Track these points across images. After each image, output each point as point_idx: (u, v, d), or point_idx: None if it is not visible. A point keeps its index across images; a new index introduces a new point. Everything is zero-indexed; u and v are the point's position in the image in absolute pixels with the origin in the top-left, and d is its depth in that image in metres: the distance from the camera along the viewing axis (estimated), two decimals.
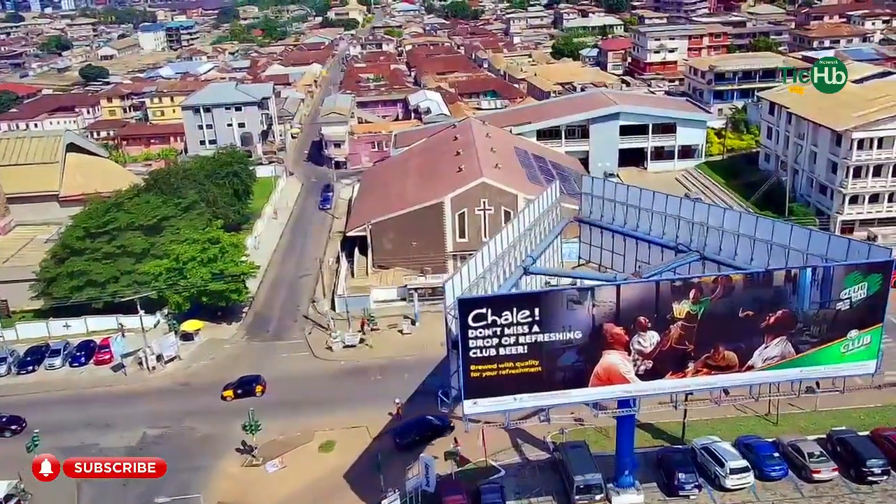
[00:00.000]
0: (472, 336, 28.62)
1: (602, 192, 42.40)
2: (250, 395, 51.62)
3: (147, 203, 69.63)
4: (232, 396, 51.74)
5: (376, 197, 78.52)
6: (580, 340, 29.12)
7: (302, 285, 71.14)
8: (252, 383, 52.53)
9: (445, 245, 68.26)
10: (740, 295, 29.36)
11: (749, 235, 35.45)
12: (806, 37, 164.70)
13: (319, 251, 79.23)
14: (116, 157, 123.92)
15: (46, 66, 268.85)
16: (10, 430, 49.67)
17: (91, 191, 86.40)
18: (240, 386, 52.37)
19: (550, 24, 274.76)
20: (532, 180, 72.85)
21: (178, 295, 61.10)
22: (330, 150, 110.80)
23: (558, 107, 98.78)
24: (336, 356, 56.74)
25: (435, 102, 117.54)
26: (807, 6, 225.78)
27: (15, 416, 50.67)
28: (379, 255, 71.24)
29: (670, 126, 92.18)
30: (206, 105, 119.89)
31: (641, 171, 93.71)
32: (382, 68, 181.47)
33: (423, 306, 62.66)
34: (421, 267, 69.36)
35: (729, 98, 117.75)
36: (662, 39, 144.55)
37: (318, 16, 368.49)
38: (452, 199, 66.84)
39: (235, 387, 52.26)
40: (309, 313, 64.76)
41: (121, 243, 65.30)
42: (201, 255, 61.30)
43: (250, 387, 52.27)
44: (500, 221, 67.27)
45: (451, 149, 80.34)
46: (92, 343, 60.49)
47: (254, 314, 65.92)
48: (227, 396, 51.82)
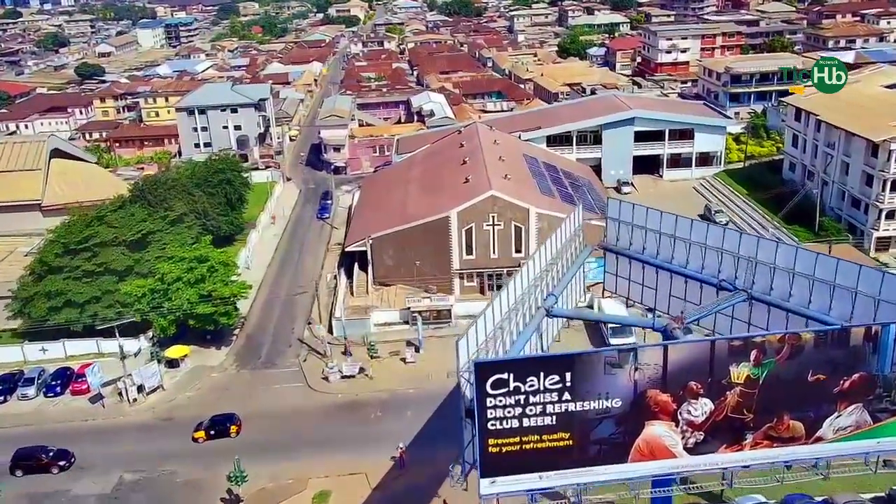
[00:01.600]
0: (490, 405, 23.91)
1: (631, 218, 37.56)
2: (224, 435, 46.97)
3: (132, 216, 64.93)
4: (204, 438, 47.00)
5: (377, 208, 73.81)
6: (619, 409, 24.44)
7: (298, 304, 66.46)
8: (226, 423, 47.76)
9: (451, 262, 63.57)
10: (811, 355, 24.64)
11: (807, 275, 30.73)
12: (821, 36, 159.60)
13: (317, 265, 74.73)
14: (108, 161, 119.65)
15: (43, 64, 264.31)
16: (57, 465, 45.35)
17: (75, 199, 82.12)
18: (212, 426, 47.58)
19: (555, 21, 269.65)
20: (544, 192, 68.14)
21: (163, 318, 56.48)
22: (329, 154, 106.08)
23: (569, 111, 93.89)
24: (333, 388, 52.07)
25: (438, 104, 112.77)
26: (818, 4, 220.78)
27: (64, 449, 46.19)
28: (380, 271, 66.62)
29: (687, 132, 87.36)
30: (201, 106, 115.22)
31: (656, 180, 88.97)
32: (384, 67, 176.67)
33: (428, 330, 58.01)
34: (425, 285, 64.72)
35: (745, 101, 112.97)
36: (674, 39, 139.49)
37: (318, 12, 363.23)
38: (459, 213, 62.11)
39: (207, 427, 47.44)
40: (304, 337, 60.11)
41: (102, 260, 60.59)
42: (188, 276, 56.62)
43: (224, 427, 47.51)
44: (510, 237, 62.88)
45: (457, 156, 75.64)
46: (69, 370, 55.94)
47: (245, 337, 61.26)
48: (198, 438, 47.05)
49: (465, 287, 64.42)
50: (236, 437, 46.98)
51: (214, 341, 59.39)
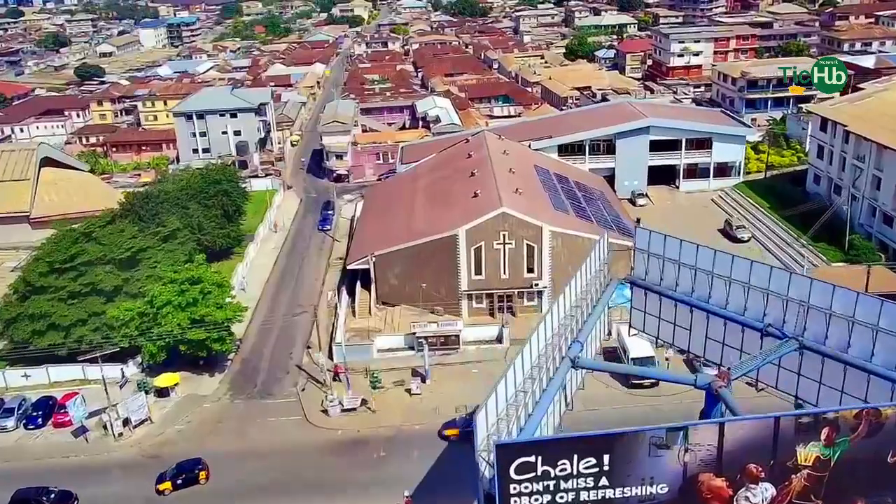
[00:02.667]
0: (514, 492, 20.34)
1: (662, 249, 33.91)
2: (192, 483, 43.01)
3: (121, 233, 61.35)
4: (170, 489, 42.75)
5: (381, 222, 70.16)
6: (666, 496, 20.88)
7: (297, 325, 62.81)
8: (193, 469, 43.70)
9: (459, 282, 59.90)
10: (892, 433, 21.07)
11: (869, 324, 27.07)
12: (836, 39, 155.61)
13: (317, 282, 71.12)
14: (104, 167, 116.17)
15: (43, 64, 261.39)
16: None
17: (66, 210, 78.83)
18: (178, 474, 43.40)
19: (561, 22, 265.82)
20: (557, 207, 64.43)
21: (152, 344, 52.91)
22: (331, 161, 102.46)
23: (580, 119, 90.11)
24: (332, 423, 48.43)
25: (444, 110, 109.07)
26: (830, 5, 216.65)
27: (66, 491, 42.78)
28: (383, 290, 62.99)
29: (705, 141, 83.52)
30: (200, 111, 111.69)
31: (672, 191, 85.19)
32: (388, 69, 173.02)
33: (434, 357, 54.35)
34: (431, 306, 61.10)
35: (761, 107, 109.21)
36: (687, 42, 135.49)
37: (322, 12, 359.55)
38: (468, 231, 58.42)
39: (173, 476, 43.27)
40: (303, 363, 56.49)
41: (89, 280, 57.03)
42: (179, 299, 53.01)
43: (192, 473, 43.44)
44: (522, 256, 59.18)
45: (465, 168, 71.96)
46: (51, 400, 52.36)
47: (240, 362, 57.64)
48: (163, 490, 42.77)
49: (474, 309, 60.76)
50: (205, 483, 43.15)
51: (207, 367, 55.82)
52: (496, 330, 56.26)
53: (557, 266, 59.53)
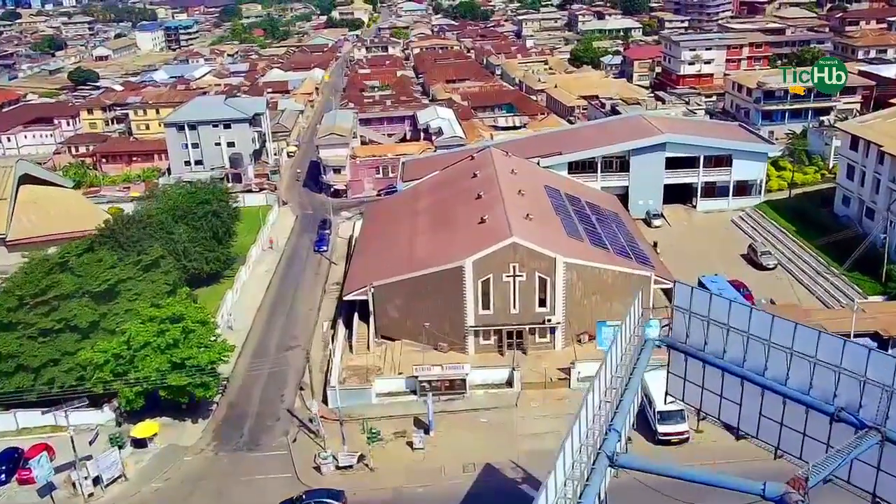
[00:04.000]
0: None
1: (706, 310, 29.06)
2: None
3: (99, 262, 56.60)
4: None
5: (380, 248, 65.42)
6: None
7: (289, 361, 58.14)
8: None
9: (465, 317, 55.11)
10: None
11: None
12: (849, 46, 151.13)
13: (312, 311, 66.49)
14: (91, 179, 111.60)
15: (37, 68, 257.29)
16: None
17: (46, 232, 74.38)
18: None
19: (564, 26, 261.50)
20: (571, 234, 59.66)
21: (129, 389, 48.17)
22: (328, 176, 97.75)
23: (592, 134, 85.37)
24: (326, 483, 43.58)
25: (447, 121, 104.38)
26: (839, 10, 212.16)
27: None
28: (383, 323, 58.29)
29: (724, 158, 78.82)
30: (192, 122, 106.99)
31: (689, 210, 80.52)
32: (388, 75, 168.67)
33: (439, 402, 49.65)
34: (435, 342, 56.39)
35: (778, 119, 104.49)
36: (698, 50, 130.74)
37: (322, 14, 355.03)
38: (475, 262, 53.64)
39: None
40: (295, 407, 51.75)
41: (62, 316, 52.30)
42: (158, 340, 48.29)
43: None
44: (534, 289, 54.44)
45: (471, 189, 67.25)
46: (17, 452, 47.65)
47: (227, 405, 52.90)
48: None
49: (481, 346, 56.01)
50: None
51: (190, 412, 51.06)
52: (506, 373, 51.54)
53: (572, 300, 54.92)
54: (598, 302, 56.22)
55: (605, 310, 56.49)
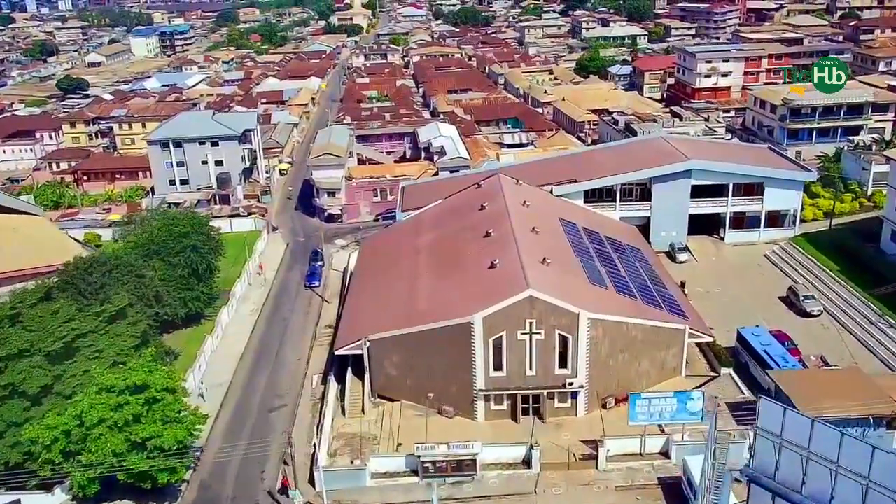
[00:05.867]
0: None
1: (804, 439, 22.10)
2: None
3: (55, 314, 49.37)
4: None
5: (377, 292, 58.32)
6: None
7: (273, 426, 51.09)
8: None
9: (474, 379, 48.02)
10: None
11: None
12: (869, 56, 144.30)
13: (300, 361, 59.51)
14: (70, 200, 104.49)
15: (28, 74, 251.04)
16: None
17: (8, 269, 67.09)
18: None
19: (568, 33, 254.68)
20: (594, 281, 52.58)
21: (82, 472, 41.07)
22: (322, 199, 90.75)
23: (609, 158, 78.28)
24: None
25: (449, 140, 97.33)
26: (852, 18, 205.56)
27: None
28: (380, 381, 51.33)
29: (754, 186, 71.88)
30: (177, 139, 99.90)
31: (716, 243, 73.52)
32: (387, 84, 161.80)
33: (445, 486, 42.58)
34: (439, 406, 49.36)
35: (804, 137, 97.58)
36: (715, 61, 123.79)
37: (320, 19, 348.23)
38: (486, 318, 46.59)
39: None
40: (276, 490, 44.59)
41: (9, 381, 45.18)
42: (115, 416, 41.15)
43: None
44: (553, 349, 47.55)
45: (478, 224, 60.25)
46: None
47: (198, 485, 45.70)
48: None
49: (493, 411, 48.90)
50: None
51: (155, 496, 43.85)
52: (522, 450, 44.41)
53: (596, 360, 47.93)
54: (626, 361, 49.33)
55: (633, 369, 49.84)
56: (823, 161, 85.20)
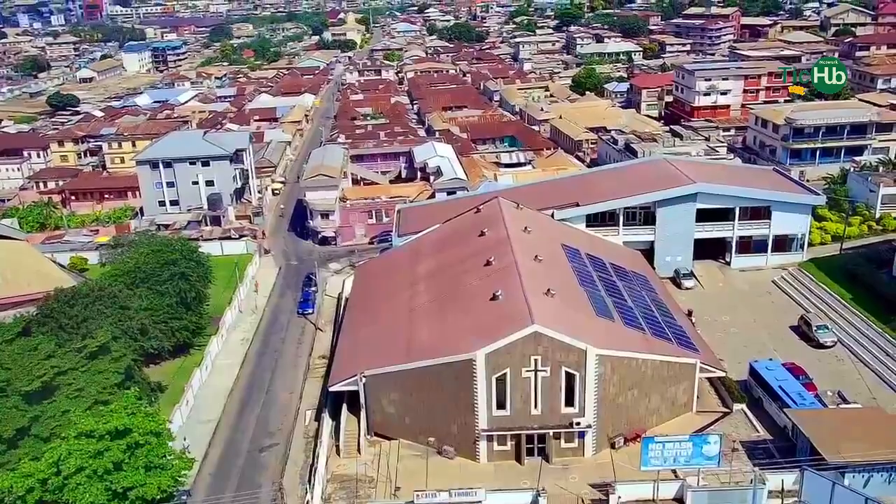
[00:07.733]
0: None
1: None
2: None
3: (33, 351, 46.76)
4: None
5: (374, 323, 55.84)
6: None
7: (263, 469, 48.46)
8: None
9: (477, 418, 45.58)
10: None
11: None
12: (868, 74, 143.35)
13: (293, 395, 56.92)
14: (56, 221, 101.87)
15: (18, 90, 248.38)
16: None
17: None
18: None
19: (562, 49, 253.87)
20: (601, 313, 50.23)
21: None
22: (315, 221, 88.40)
23: (611, 181, 76.16)
24: None
25: (446, 160, 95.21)
26: (847, 34, 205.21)
27: None
28: (376, 420, 48.82)
29: (762, 210, 69.89)
30: (167, 159, 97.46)
31: (723, 268, 71.35)
32: (381, 101, 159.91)
33: None
34: (439, 445, 46.89)
35: (807, 157, 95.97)
36: (714, 79, 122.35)
37: (314, 35, 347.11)
38: (489, 355, 44.22)
39: None
40: None
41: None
42: (94, 464, 38.49)
43: None
44: (559, 387, 45.13)
45: (478, 251, 57.92)
46: None
47: None
48: None
49: (496, 452, 46.40)
50: None
51: None
52: (529, 497, 41.85)
53: (605, 398, 45.54)
54: (636, 398, 46.97)
55: (643, 406, 47.49)
56: (829, 183, 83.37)
